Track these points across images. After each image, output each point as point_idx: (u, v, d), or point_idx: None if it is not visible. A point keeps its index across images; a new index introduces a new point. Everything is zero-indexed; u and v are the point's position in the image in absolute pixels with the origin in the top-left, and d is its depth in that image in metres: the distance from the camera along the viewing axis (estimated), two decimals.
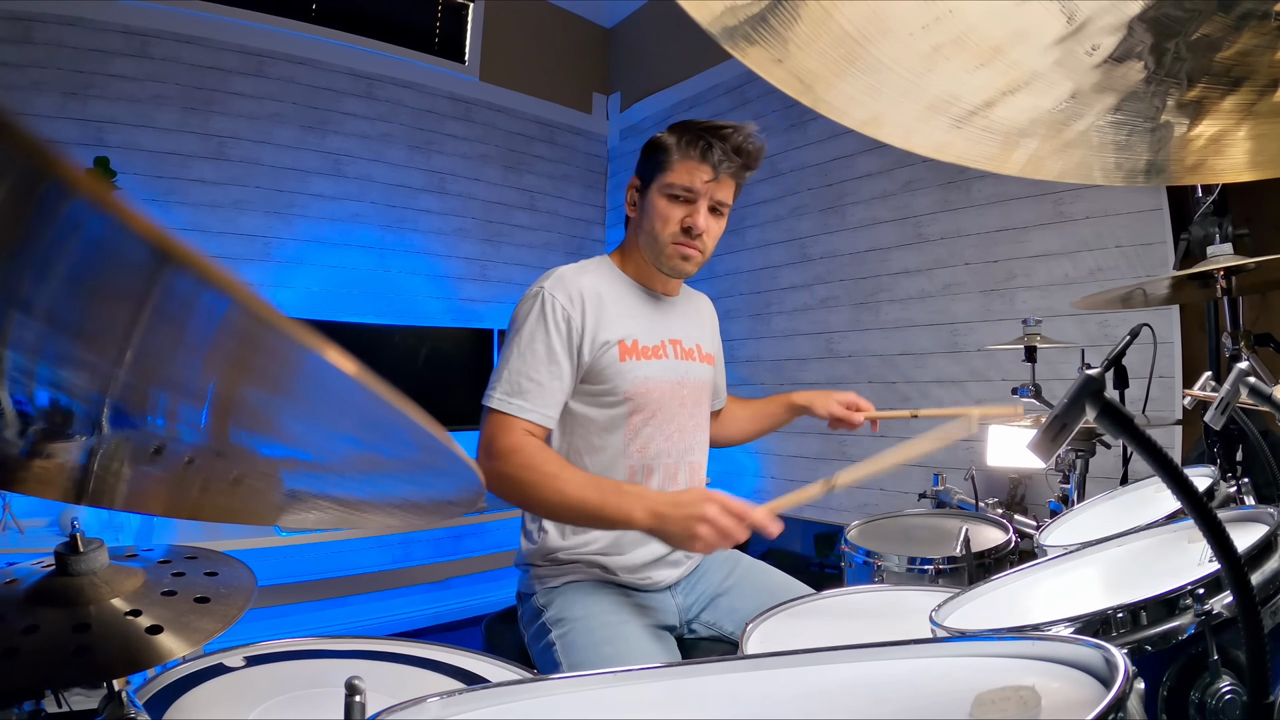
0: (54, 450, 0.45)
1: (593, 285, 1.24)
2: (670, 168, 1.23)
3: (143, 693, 0.73)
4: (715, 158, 1.20)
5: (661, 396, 1.26)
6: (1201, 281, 1.34)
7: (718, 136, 1.21)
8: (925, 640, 0.57)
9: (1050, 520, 1.27)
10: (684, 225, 1.22)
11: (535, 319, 1.19)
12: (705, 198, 1.22)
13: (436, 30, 3.61)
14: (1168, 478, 0.48)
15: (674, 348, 1.31)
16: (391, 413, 0.33)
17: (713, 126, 1.22)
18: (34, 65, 2.55)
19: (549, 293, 1.20)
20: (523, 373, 1.16)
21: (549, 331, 1.18)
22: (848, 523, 1.56)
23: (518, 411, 1.14)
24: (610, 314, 1.23)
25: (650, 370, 1.25)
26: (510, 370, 1.17)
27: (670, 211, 1.23)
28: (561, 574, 1.21)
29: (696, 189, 1.21)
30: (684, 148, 1.22)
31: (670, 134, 1.25)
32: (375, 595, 3.05)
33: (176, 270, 0.24)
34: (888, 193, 2.98)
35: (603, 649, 1.09)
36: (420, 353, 3.17)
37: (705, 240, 1.25)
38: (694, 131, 1.22)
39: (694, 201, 1.22)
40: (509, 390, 1.16)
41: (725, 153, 1.20)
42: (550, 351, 1.17)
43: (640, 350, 1.25)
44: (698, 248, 1.24)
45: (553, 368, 1.18)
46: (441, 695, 0.54)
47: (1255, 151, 0.58)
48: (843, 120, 0.51)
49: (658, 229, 1.23)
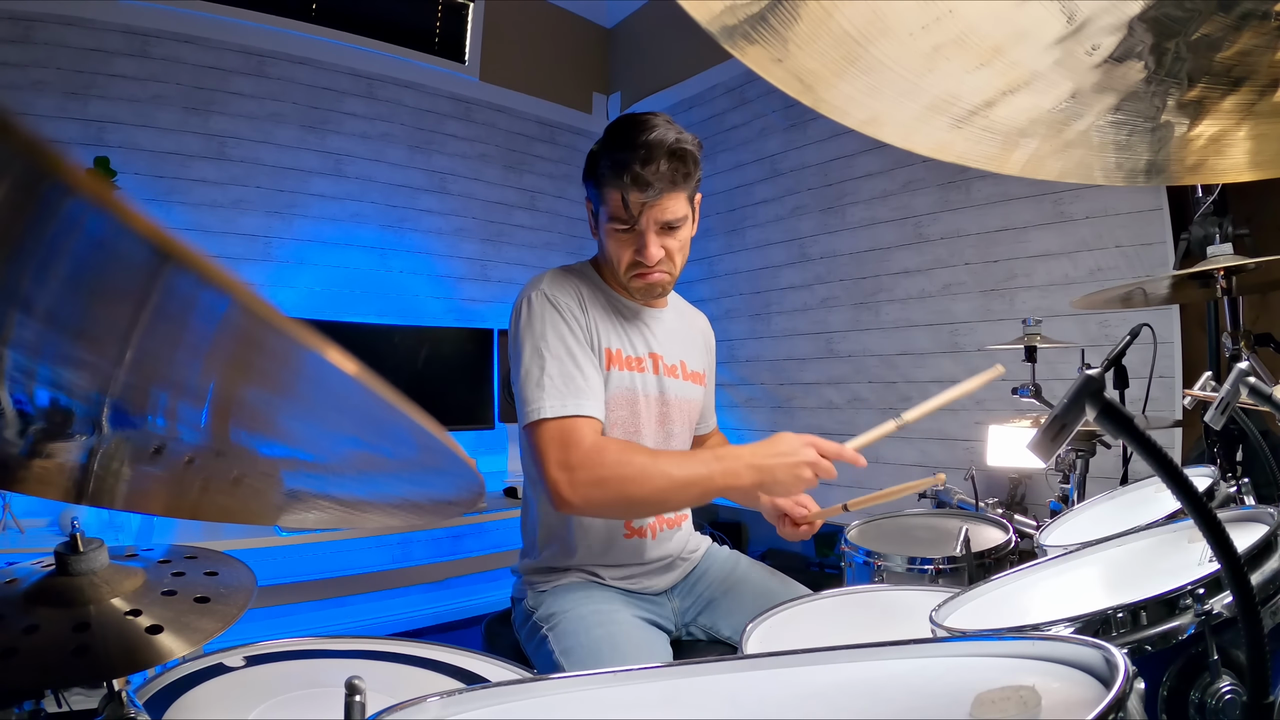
0: (54, 450, 0.45)
1: (582, 288, 1.21)
2: (605, 199, 1.14)
3: (143, 693, 0.73)
4: (640, 186, 1.08)
5: (639, 410, 1.22)
6: (1201, 281, 1.34)
7: (636, 158, 1.08)
8: (925, 640, 0.57)
9: (1050, 520, 1.27)
10: (635, 259, 1.15)
11: (551, 320, 1.13)
12: (649, 226, 1.12)
13: (436, 30, 3.61)
14: (1168, 478, 0.48)
15: (655, 362, 1.26)
16: (391, 413, 0.33)
17: (633, 145, 1.09)
18: (34, 65, 2.55)
19: (548, 293, 1.16)
20: (566, 374, 1.09)
21: (570, 328, 1.13)
22: (848, 523, 1.55)
23: (579, 410, 1.06)
24: (599, 319, 1.21)
25: (632, 382, 1.21)
26: (550, 376, 1.08)
27: (620, 248, 1.16)
28: (552, 580, 1.21)
29: (635, 218, 1.12)
30: (610, 175, 1.11)
31: (602, 149, 1.14)
32: (375, 595, 3.05)
33: (176, 270, 0.24)
34: (888, 193, 2.98)
35: (594, 631, 1.08)
36: (420, 353, 3.17)
37: (666, 262, 1.17)
38: (614, 154, 1.10)
39: (640, 231, 1.13)
40: (562, 393, 1.07)
41: (652, 176, 1.08)
42: (581, 346, 1.13)
43: (624, 360, 1.21)
44: (660, 271, 1.17)
45: (589, 360, 1.13)
46: (441, 695, 0.54)
47: (1255, 151, 0.58)
48: (843, 120, 0.51)
49: (615, 263, 1.18)
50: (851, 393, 3.12)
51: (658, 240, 1.14)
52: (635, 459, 1.04)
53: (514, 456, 3.19)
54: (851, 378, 3.12)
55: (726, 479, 1.02)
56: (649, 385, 1.24)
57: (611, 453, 1.04)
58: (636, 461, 1.03)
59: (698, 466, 1.04)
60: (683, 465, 1.04)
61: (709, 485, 1.03)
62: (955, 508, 1.78)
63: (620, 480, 1.02)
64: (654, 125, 1.11)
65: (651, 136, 1.09)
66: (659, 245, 1.15)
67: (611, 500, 1.04)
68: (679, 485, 1.03)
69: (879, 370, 3.02)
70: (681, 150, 1.11)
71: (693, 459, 1.06)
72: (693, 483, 1.03)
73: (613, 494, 1.02)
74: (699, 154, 1.15)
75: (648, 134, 1.09)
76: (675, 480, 1.03)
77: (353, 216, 3.27)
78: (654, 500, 1.06)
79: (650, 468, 1.03)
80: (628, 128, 1.12)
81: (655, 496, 1.04)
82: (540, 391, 1.07)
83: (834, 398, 3.19)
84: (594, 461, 1.02)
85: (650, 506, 1.11)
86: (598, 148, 1.17)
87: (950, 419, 2.72)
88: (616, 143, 1.12)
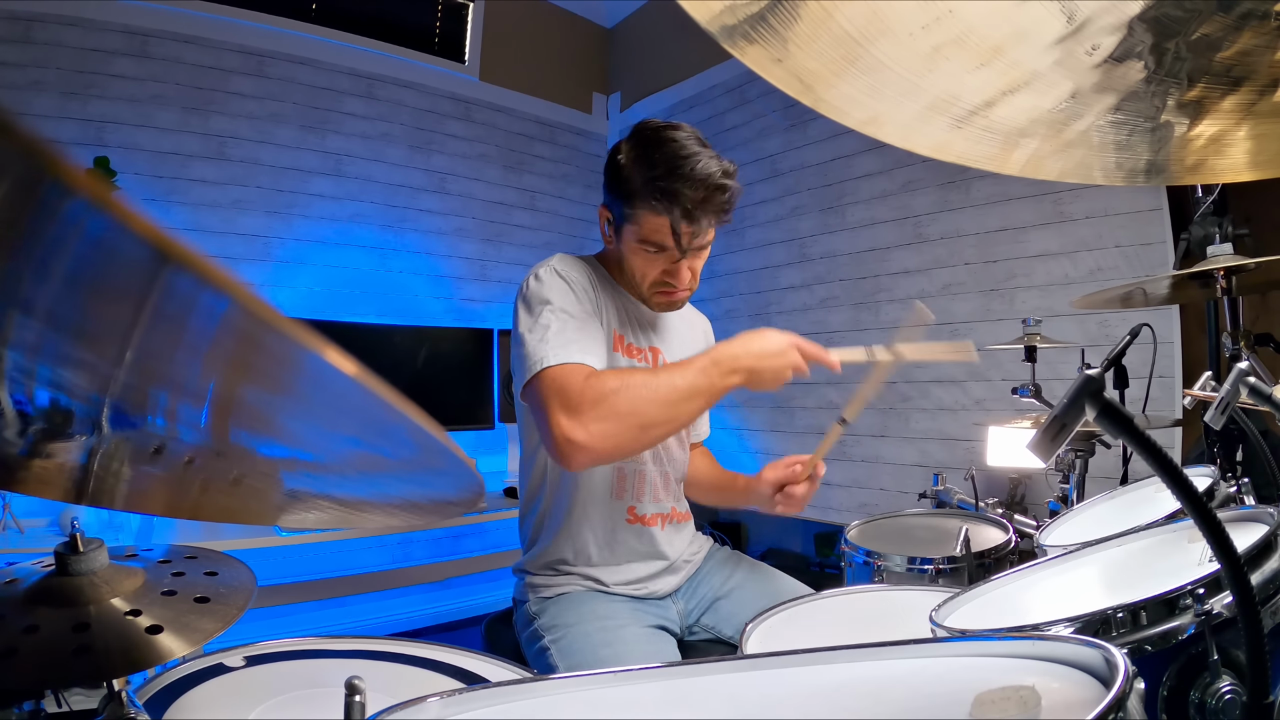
0: (54, 450, 0.45)
1: (591, 274, 1.21)
2: (638, 221, 1.12)
3: (143, 693, 0.73)
4: (691, 220, 1.08)
5: None
6: (1201, 281, 1.34)
7: (689, 191, 1.06)
8: (925, 640, 0.57)
9: (1050, 520, 1.27)
10: (664, 279, 1.16)
11: (560, 289, 1.12)
12: (687, 253, 1.13)
13: (436, 30, 3.61)
14: (1168, 478, 0.48)
15: (655, 357, 1.26)
16: (391, 413, 0.33)
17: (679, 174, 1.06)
18: (34, 65, 2.55)
19: (563, 270, 1.15)
20: (568, 328, 1.07)
21: (578, 297, 1.13)
22: (848, 523, 1.56)
23: (580, 357, 1.03)
24: (606, 305, 1.21)
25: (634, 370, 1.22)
26: (553, 331, 1.05)
27: (647, 266, 1.16)
28: (554, 585, 1.20)
29: (670, 247, 1.12)
30: (650, 200, 1.08)
31: (634, 165, 1.11)
32: (375, 595, 3.05)
33: (176, 270, 0.24)
34: (887, 193, 2.98)
35: (601, 651, 1.07)
36: (420, 353, 3.17)
37: (693, 282, 1.19)
38: (658, 179, 1.07)
39: (673, 256, 1.13)
40: (562, 345, 1.04)
41: (702, 212, 1.08)
42: (588, 314, 1.12)
43: (627, 347, 1.22)
44: (684, 290, 1.19)
45: (595, 326, 1.12)
46: (441, 695, 0.54)
47: (1255, 151, 0.58)
48: (843, 120, 0.51)
49: (638, 278, 1.18)
50: (851, 392, 3.12)
51: (689, 263, 1.16)
52: (633, 377, 1.01)
53: (514, 456, 3.19)
54: (851, 377, 3.11)
55: (724, 379, 1.01)
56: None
57: (610, 380, 1.00)
58: (635, 379, 1.00)
59: (694, 375, 1.01)
60: (682, 374, 1.02)
61: (709, 392, 1.02)
62: (955, 508, 1.78)
63: (628, 407, 0.98)
64: (698, 154, 1.08)
65: (699, 166, 1.07)
66: (689, 268, 1.16)
67: (624, 430, 0.99)
68: (684, 395, 1.00)
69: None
70: (731, 186, 1.10)
71: (685, 368, 1.03)
72: (695, 390, 1.00)
73: (624, 424, 0.98)
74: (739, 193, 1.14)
75: (694, 163, 1.07)
76: (680, 390, 1.00)
77: (352, 216, 3.27)
78: (664, 418, 1.01)
79: (652, 382, 1.00)
80: (668, 147, 1.09)
81: (664, 413, 1.00)
82: (543, 346, 1.04)
83: (834, 397, 3.19)
84: (595, 394, 0.98)
85: (662, 427, 1.04)
86: (626, 160, 1.14)
87: (950, 419, 2.73)
88: (660, 165, 1.08)
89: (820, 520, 3.18)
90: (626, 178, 1.13)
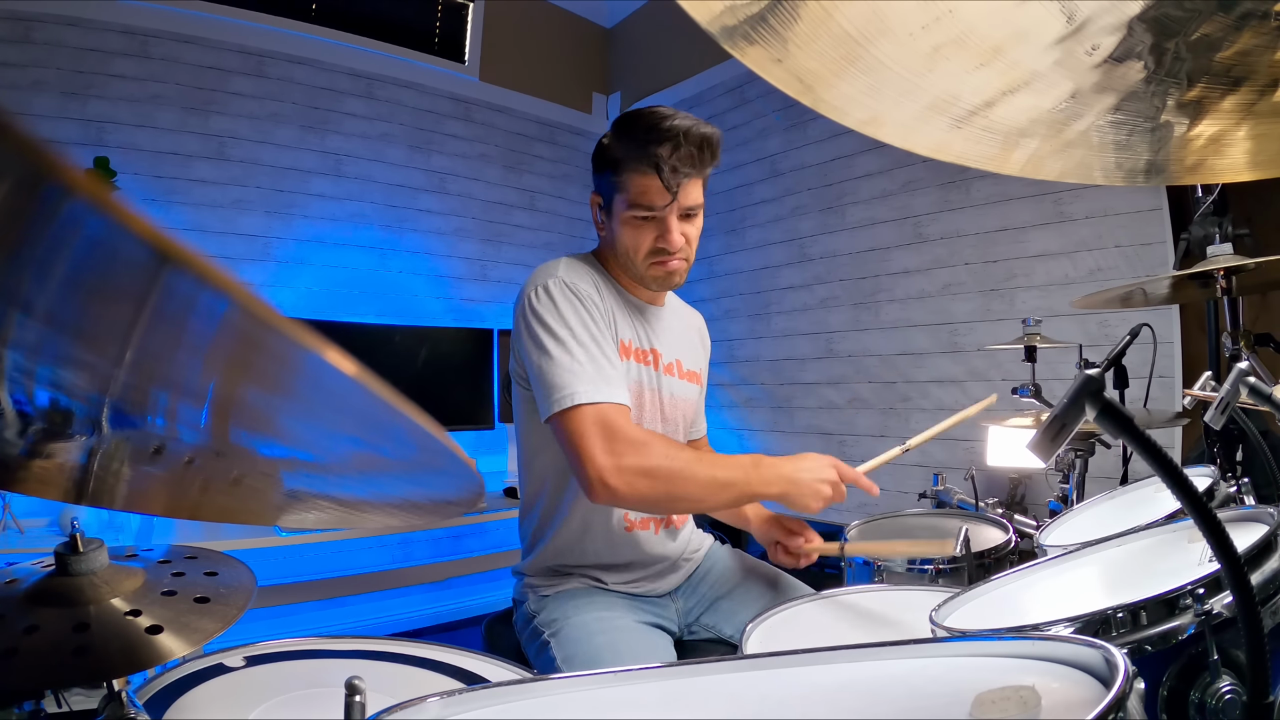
0: (54, 450, 0.45)
1: (594, 276, 1.21)
2: (625, 188, 1.14)
3: (143, 693, 0.73)
4: (667, 172, 1.09)
5: (644, 404, 1.21)
6: (1201, 281, 1.34)
7: (666, 144, 1.09)
8: (925, 640, 0.57)
9: (1050, 520, 1.27)
10: (657, 246, 1.15)
11: (574, 307, 1.11)
12: (672, 211, 1.13)
13: (436, 30, 3.61)
14: (1168, 478, 0.48)
15: (654, 358, 1.26)
16: (391, 413, 0.33)
17: (657, 130, 1.10)
18: (34, 65, 2.55)
19: (571, 282, 1.14)
20: (595, 360, 1.06)
21: (593, 316, 1.12)
22: (848, 523, 1.56)
23: (614, 397, 1.04)
24: (614, 310, 1.21)
25: (639, 375, 1.21)
26: (580, 362, 1.05)
27: (640, 236, 1.15)
28: (555, 584, 1.20)
29: (658, 206, 1.12)
30: (633, 163, 1.11)
31: (616, 140, 1.15)
32: (375, 595, 3.05)
33: (176, 270, 0.24)
34: (887, 193, 2.98)
35: (597, 639, 1.07)
36: (420, 353, 3.17)
37: (685, 249, 1.18)
38: (638, 141, 1.11)
39: (662, 219, 1.14)
40: (595, 379, 1.04)
41: (679, 161, 1.10)
42: (604, 335, 1.12)
43: (634, 352, 1.22)
44: (679, 258, 1.18)
45: (613, 349, 1.12)
46: (441, 695, 0.54)
47: (1255, 151, 0.58)
48: (843, 120, 0.51)
49: (631, 254, 1.17)
50: (851, 393, 3.12)
51: (679, 226, 1.15)
52: (681, 453, 1.04)
53: (513, 456, 3.19)
54: (851, 378, 3.12)
55: (761, 485, 1.04)
56: (651, 380, 1.24)
57: (659, 445, 1.02)
58: (683, 456, 1.03)
59: (736, 471, 1.05)
60: (724, 467, 1.06)
61: (745, 489, 1.04)
62: (955, 508, 1.78)
63: (669, 474, 1.01)
64: (673, 113, 1.12)
65: (676, 122, 1.10)
66: (680, 231, 1.15)
67: (658, 493, 1.02)
68: (720, 485, 1.04)
69: (878, 370, 3.02)
70: (708, 134, 1.12)
71: (731, 462, 1.08)
72: (731, 484, 1.04)
73: (661, 488, 1.01)
74: (719, 142, 1.16)
75: (671, 120, 1.11)
76: (718, 480, 1.03)
77: (352, 216, 3.27)
78: (695, 497, 1.05)
79: (695, 464, 1.03)
80: (646, 116, 1.13)
81: (697, 494, 1.04)
82: (572, 377, 1.04)
83: (834, 398, 3.19)
84: (642, 451, 1.00)
85: (690, 503, 1.09)
86: (610, 140, 1.17)
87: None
88: (639, 130, 1.12)
89: (820, 520, 3.18)
90: (612, 152, 1.16)
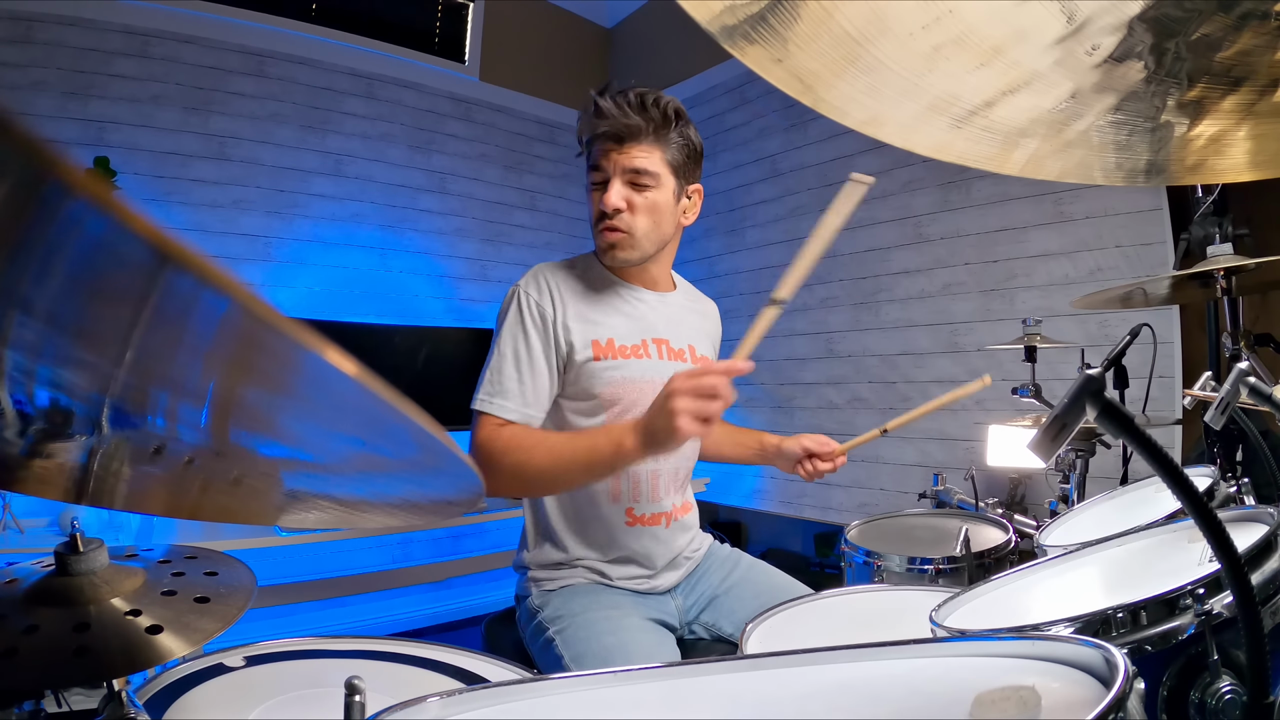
0: (54, 450, 0.45)
1: (571, 280, 1.22)
2: (582, 152, 1.20)
3: (143, 693, 0.73)
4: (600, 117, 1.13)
5: (640, 398, 1.19)
6: (1201, 281, 1.34)
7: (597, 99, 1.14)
8: (925, 640, 0.57)
9: (1050, 520, 1.27)
10: (598, 210, 1.17)
11: (513, 319, 1.19)
12: (615, 172, 1.15)
13: (436, 30, 3.61)
14: (1168, 478, 0.48)
15: (659, 347, 1.25)
16: (391, 413, 0.33)
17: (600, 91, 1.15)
18: (34, 65, 2.55)
19: (523, 290, 1.20)
20: (503, 371, 1.16)
21: (526, 329, 1.18)
22: (848, 523, 1.56)
23: (500, 411, 1.14)
24: (589, 311, 1.20)
25: (629, 371, 1.20)
26: (491, 371, 1.17)
27: (591, 201, 1.19)
28: (558, 579, 1.21)
29: (604, 167, 1.16)
30: (582, 123, 1.18)
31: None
32: (375, 595, 3.05)
33: (176, 270, 0.24)
34: (888, 193, 2.98)
35: (605, 639, 1.08)
36: (420, 353, 3.17)
37: (625, 218, 1.16)
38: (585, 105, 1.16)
39: (607, 181, 1.16)
40: (491, 391, 1.15)
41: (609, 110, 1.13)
42: (529, 349, 1.17)
43: (617, 350, 1.21)
44: (617, 228, 1.17)
45: (533, 365, 1.17)
46: (441, 695, 0.54)
47: (1255, 151, 0.58)
48: (843, 120, 0.51)
49: (592, 225, 1.21)
50: (851, 393, 3.12)
51: (623, 191, 1.15)
52: (527, 440, 1.11)
53: None
54: (851, 378, 3.12)
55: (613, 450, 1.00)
56: (652, 371, 1.22)
57: (506, 438, 1.11)
58: (527, 442, 1.10)
59: (584, 442, 1.06)
60: (571, 442, 1.08)
61: (597, 459, 1.02)
62: (955, 508, 1.78)
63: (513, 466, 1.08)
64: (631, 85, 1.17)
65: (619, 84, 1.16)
66: (622, 197, 1.15)
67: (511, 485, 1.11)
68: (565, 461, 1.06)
69: (879, 370, 3.02)
70: (646, 96, 1.15)
71: (579, 436, 1.10)
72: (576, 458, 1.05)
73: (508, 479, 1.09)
74: (676, 111, 1.18)
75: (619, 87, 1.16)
76: (562, 457, 1.06)
77: (353, 216, 3.27)
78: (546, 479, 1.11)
79: (538, 449, 1.09)
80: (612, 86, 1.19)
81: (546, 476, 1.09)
82: (481, 383, 1.17)
83: (834, 398, 3.19)
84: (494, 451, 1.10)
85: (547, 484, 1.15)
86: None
87: (950, 419, 2.72)
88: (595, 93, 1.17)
89: (820, 520, 3.18)
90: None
